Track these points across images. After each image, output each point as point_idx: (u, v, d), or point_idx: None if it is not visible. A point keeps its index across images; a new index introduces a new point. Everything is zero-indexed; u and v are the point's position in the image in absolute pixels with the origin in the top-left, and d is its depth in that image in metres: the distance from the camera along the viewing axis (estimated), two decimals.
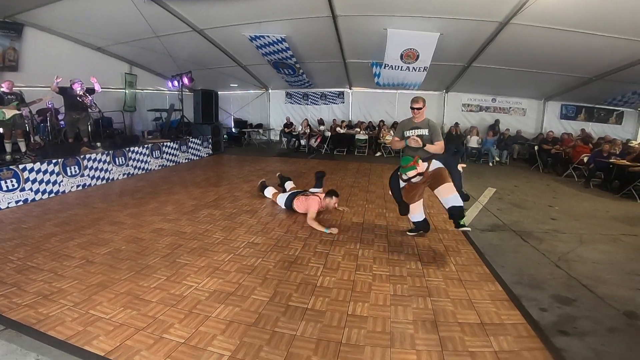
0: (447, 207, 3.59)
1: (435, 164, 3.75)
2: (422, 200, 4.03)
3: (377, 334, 2.34)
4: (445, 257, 3.61)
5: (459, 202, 3.52)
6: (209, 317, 2.46)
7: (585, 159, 8.41)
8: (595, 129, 11.71)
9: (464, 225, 3.48)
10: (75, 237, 3.92)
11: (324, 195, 4.76)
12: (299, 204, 4.84)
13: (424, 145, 3.80)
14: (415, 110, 3.91)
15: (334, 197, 4.69)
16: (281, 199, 5.16)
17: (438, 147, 3.82)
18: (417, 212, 4.02)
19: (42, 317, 2.42)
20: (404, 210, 4.00)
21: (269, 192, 5.54)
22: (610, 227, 4.87)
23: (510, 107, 12.48)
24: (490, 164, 10.39)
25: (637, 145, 8.53)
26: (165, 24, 7.88)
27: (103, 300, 2.65)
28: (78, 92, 6.63)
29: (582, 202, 6.29)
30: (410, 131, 3.95)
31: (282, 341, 2.23)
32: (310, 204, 4.60)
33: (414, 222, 4.15)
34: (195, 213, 4.87)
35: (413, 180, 3.72)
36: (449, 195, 3.55)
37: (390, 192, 4.22)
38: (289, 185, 5.68)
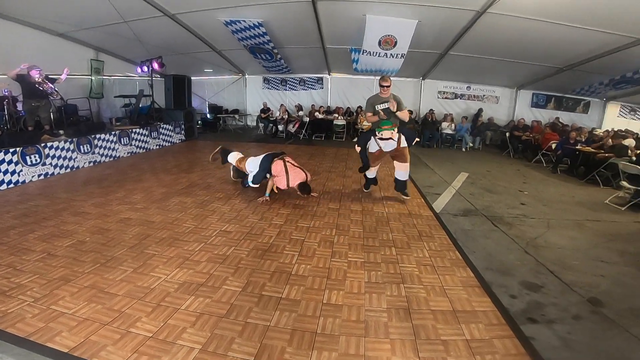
0: (397, 178, 4.91)
1: (403, 142, 4.76)
2: (379, 165, 5.12)
3: (351, 322, 2.33)
4: (419, 242, 3.64)
5: (406, 177, 4.90)
6: (178, 310, 2.37)
7: (554, 146, 8.71)
8: (564, 118, 12.13)
9: (406, 194, 5.01)
10: (35, 230, 3.69)
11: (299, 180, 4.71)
12: (278, 170, 4.69)
13: (397, 110, 4.62)
14: (385, 88, 4.73)
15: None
16: (252, 164, 4.90)
17: (405, 114, 4.76)
18: (372, 171, 5.15)
19: (0, 315, 2.28)
20: (365, 169, 5.03)
21: (234, 157, 5.22)
22: (576, 212, 5.06)
23: (484, 95, 12.72)
24: (464, 150, 10.64)
25: (601, 134, 8.90)
26: (134, 8, 7.37)
27: (66, 295, 2.51)
28: (37, 79, 6.23)
29: (550, 187, 6.52)
30: (381, 104, 4.75)
31: (255, 332, 2.18)
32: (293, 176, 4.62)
33: (368, 178, 5.27)
34: (165, 201, 4.69)
35: (384, 147, 4.73)
36: (402, 170, 4.82)
37: (357, 149, 5.04)
38: (233, 157, 5.38)
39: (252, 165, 4.94)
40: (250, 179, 4.88)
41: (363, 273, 2.97)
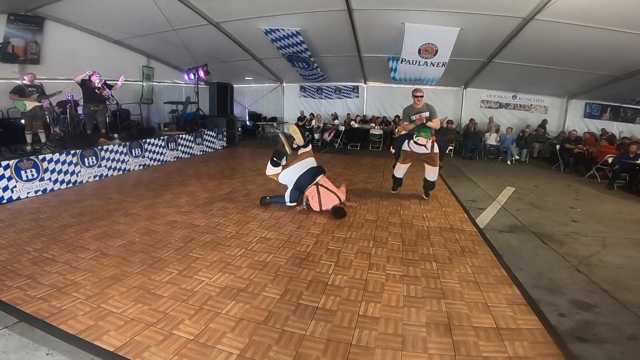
0: (426, 178, 5.46)
1: (436, 149, 5.26)
2: (408, 166, 5.58)
3: (388, 336, 2.28)
4: (462, 258, 3.51)
5: (434, 178, 5.43)
6: (219, 314, 2.45)
7: (610, 160, 8.09)
8: (621, 129, 11.25)
9: (428, 195, 5.63)
10: (90, 229, 3.97)
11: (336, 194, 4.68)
12: (312, 194, 4.63)
13: (427, 121, 5.09)
14: (419, 98, 5.18)
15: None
16: (286, 177, 4.80)
17: (435, 123, 5.21)
18: (400, 170, 5.64)
19: (55, 311, 2.42)
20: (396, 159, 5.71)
21: (273, 171, 4.92)
22: (635, 230, 4.66)
23: (531, 105, 12.08)
24: (509, 162, 10.12)
25: None
26: (181, 17, 7.88)
27: (115, 294, 2.66)
28: (96, 84, 6.73)
29: (606, 204, 6.05)
30: (416, 115, 5.18)
31: (292, 341, 2.20)
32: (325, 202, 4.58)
33: (395, 177, 5.76)
34: (208, 206, 4.88)
35: (416, 149, 5.27)
36: (432, 173, 5.37)
37: (392, 150, 5.88)
38: (273, 171, 4.94)
39: (286, 179, 4.84)
40: (287, 197, 4.77)
41: (402, 286, 2.91)
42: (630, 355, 2.16)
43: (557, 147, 9.71)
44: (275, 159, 4.80)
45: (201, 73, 10.02)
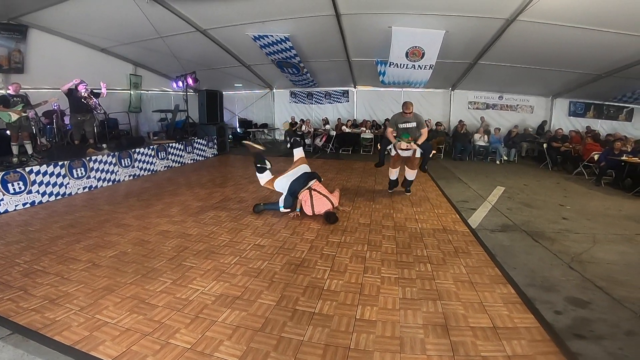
0: (406, 177, 5.96)
1: (418, 154, 5.59)
2: (398, 168, 5.95)
3: (386, 338, 2.28)
4: (455, 259, 3.53)
5: (413, 178, 5.96)
6: (216, 322, 2.42)
7: (596, 157, 8.26)
8: (605, 126, 11.52)
9: (409, 191, 6.07)
10: (81, 240, 3.91)
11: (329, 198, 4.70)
12: (304, 198, 4.64)
13: (415, 140, 5.50)
14: (407, 113, 5.52)
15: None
16: (280, 184, 4.78)
17: (424, 134, 5.58)
18: (393, 174, 6.05)
19: (49, 322, 2.40)
20: (380, 165, 6.21)
21: (264, 179, 4.98)
22: (624, 226, 4.75)
23: (517, 105, 12.33)
24: (498, 162, 10.26)
25: None
26: (168, 24, 7.86)
27: (109, 305, 2.63)
28: (83, 94, 6.65)
29: (594, 200, 6.17)
30: (403, 124, 5.60)
31: (290, 347, 2.19)
32: (318, 206, 4.58)
33: (390, 180, 6.12)
34: (201, 215, 4.84)
35: (402, 152, 5.65)
36: (412, 173, 5.89)
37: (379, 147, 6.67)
38: (264, 178, 5.01)
39: (281, 187, 4.82)
40: (281, 203, 4.77)
41: (397, 289, 2.91)
42: (629, 351, 2.19)
43: (544, 146, 9.88)
44: (258, 165, 4.85)
45: (190, 81, 9.99)
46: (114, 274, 3.12)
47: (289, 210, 4.79)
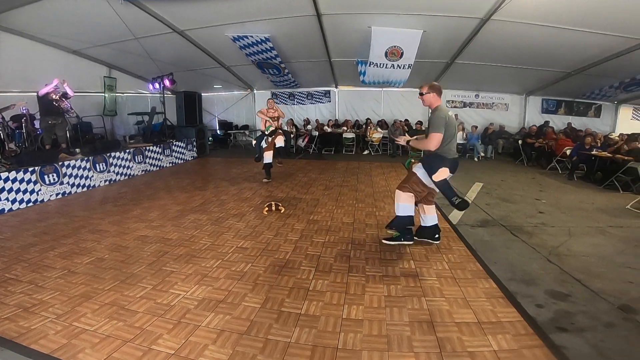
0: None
1: (417, 168, 3.72)
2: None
3: (373, 337, 2.28)
4: (438, 254, 3.58)
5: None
6: (199, 327, 2.36)
7: (568, 152, 8.58)
8: (576, 122, 11.98)
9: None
10: (55, 247, 3.76)
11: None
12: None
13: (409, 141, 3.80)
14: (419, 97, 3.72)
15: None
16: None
17: (421, 142, 3.62)
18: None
19: (24, 330, 2.31)
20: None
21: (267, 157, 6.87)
22: (597, 219, 4.94)
23: (493, 103, 12.66)
24: (476, 159, 10.52)
25: (616, 138, 8.73)
26: (144, 25, 7.64)
27: (87, 312, 2.54)
28: (53, 96, 6.39)
29: (568, 194, 6.39)
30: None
31: (277, 349, 2.15)
32: None
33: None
34: (180, 219, 4.73)
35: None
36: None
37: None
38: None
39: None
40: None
41: (382, 287, 2.92)
42: (610, 342, 2.24)
43: (520, 142, 10.18)
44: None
45: (167, 82, 9.73)
46: (91, 280, 3.01)
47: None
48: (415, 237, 3.85)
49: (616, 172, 6.77)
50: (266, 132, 6.94)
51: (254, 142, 7.39)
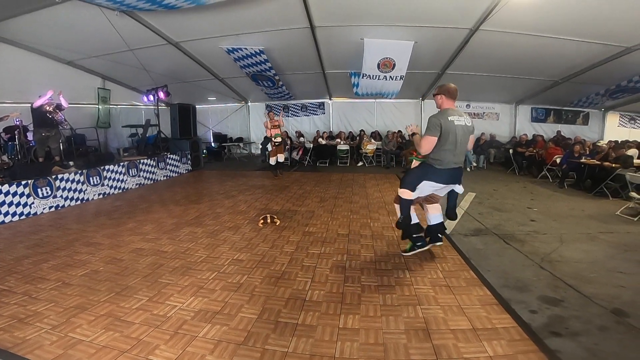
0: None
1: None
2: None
3: (370, 345, 2.30)
4: (432, 263, 3.62)
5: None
6: (196, 337, 2.37)
7: (558, 160, 8.73)
8: (565, 130, 12.22)
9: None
10: (49, 259, 3.74)
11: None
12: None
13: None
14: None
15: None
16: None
17: (417, 142, 3.56)
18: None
19: (19, 341, 2.31)
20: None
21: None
22: (588, 225, 5.03)
23: (484, 112, 12.89)
24: (468, 169, 10.62)
25: (604, 145, 8.93)
26: (139, 37, 7.70)
27: (83, 323, 2.53)
28: (47, 108, 6.38)
29: (559, 202, 6.50)
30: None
31: (274, 358, 2.16)
32: None
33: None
34: (176, 232, 4.72)
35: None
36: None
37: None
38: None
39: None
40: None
41: (378, 296, 2.95)
42: (604, 345, 2.29)
43: (510, 151, 10.34)
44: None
45: (161, 94, 9.74)
46: (86, 292, 3.00)
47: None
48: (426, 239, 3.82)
49: (605, 180, 6.90)
50: (274, 138, 8.56)
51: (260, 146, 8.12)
